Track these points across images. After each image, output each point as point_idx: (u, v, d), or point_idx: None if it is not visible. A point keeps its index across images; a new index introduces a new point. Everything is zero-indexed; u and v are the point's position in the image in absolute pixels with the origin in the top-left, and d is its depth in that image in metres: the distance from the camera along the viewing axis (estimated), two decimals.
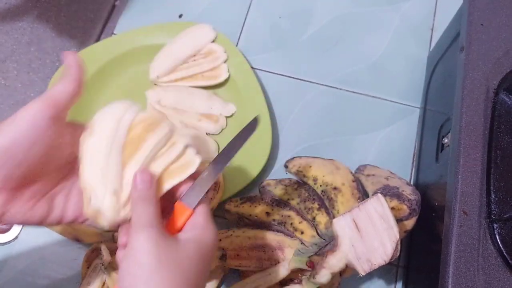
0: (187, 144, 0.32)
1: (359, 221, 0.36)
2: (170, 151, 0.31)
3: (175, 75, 0.54)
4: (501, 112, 0.38)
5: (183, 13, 0.61)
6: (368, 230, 0.36)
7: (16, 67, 0.57)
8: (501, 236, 0.34)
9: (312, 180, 0.44)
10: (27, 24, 0.59)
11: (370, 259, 0.35)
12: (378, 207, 0.36)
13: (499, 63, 0.39)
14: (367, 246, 0.35)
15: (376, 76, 0.57)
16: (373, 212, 0.36)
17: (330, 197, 0.43)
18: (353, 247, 0.35)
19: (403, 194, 0.41)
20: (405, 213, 0.40)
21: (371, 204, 0.36)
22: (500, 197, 0.36)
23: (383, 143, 0.53)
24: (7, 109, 0.55)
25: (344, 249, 0.35)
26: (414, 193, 0.42)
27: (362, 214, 0.36)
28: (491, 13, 0.41)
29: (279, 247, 0.42)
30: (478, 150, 0.36)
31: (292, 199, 0.45)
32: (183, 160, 0.32)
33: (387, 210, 0.36)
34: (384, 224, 0.36)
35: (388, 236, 0.35)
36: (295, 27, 0.60)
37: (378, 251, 0.35)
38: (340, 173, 0.44)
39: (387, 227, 0.35)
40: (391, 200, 0.41)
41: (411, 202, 0.41)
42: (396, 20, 0.60)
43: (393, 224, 0.36)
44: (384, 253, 0.35)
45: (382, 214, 0.36)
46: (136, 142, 0.30)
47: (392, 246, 0.35)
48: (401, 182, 0.45)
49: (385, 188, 0.43)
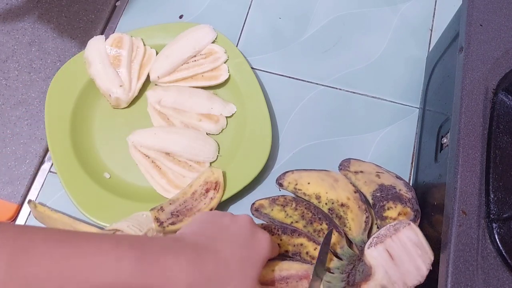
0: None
1: (392, 251, 0.36)
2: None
3: (176, 76, 0.54)
4: (500, 112, 0.38)
5: (183, 14, 0.61)
6: (402, 258, 0.36)
7: (17, 67, 0.57)
8: (500, 235, 0.34)
9: (316, 199, 0.43)
10: (28, 25, 0.60)
11: (405, 282, 0.36)
12: (412, 236, 0.37)
13: (498, 64, 0.39)
14: (401, 271, 0.36)
15: (375, 77, 0.57)
16: (406, 241, 0.36)
17: (340, 215, 0.42)
18: (387, 273, 0.36)
19: (402, 195, 0.41)
20: (410, 216, 0.40)
21: (404, 234, 0.36)
22: (499, 196, 0.36)
23: (382, 143, 0.54)
24: (8, 109, 0.55)
25: (379, 278, 0.36)
26: (409, 190, 0.42)
27: (395, 244, 0.36)
28: (490, 14, 0.41)
29: (306, 275, 0.40)
30: (477, 150, 0.36)
31: (296, 221, 0.43)
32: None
33: (421, 238, 0.37)
34: (419, 251, 0.36)
35: (422, 260, 0.36)
36: (295, 28, 0.60)
37: (413, 274, 0.36)
38: (341, 186, 0.43)
39: (422, 253, 0.36)
40: (395, 205, 0.40)
41: (412, 203, 0.41)
42: (395, 21, 0.60)
43: (428, 249, 0.36)
44: (419, 274, 0.36)
45: (417, 242, 0.36)
46: (116, 57, 0.53)
47: (427, 267, 0.36)
48: (391, 177, 0.44)
49: (382, 189, 0.42)
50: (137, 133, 0.51)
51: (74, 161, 0.50)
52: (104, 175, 0.51)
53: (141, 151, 0.51)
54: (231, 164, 0.50)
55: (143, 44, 0.55)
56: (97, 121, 0.54)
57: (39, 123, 0.54)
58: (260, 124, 0.51)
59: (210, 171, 0.48)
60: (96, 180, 0.49)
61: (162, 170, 0.50)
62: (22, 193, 0.51)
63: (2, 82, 0.56)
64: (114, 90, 0.52)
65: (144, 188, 0.50)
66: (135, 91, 0.53)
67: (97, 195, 0.48)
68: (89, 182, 0.49)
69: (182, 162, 0.51)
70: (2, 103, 0.55)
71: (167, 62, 0.53)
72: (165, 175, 0.50)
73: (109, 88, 0.52)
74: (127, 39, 0.54)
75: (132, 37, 0.55)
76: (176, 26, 0.57)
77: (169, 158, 0.51)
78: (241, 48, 0.59)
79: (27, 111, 0.55)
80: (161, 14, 0.61)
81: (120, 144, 0.52)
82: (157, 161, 0.51)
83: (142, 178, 0.51)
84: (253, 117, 0.52)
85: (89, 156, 0.51)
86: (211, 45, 0.55)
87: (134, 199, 0.49)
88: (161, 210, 0.45)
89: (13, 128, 0.54)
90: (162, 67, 0.53)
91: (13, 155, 0.53)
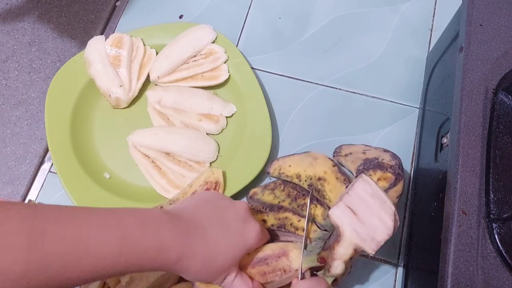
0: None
1: (352, 206, 0.37)
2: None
3: (176, 76, 0.54)
4: (500, 112, 0.38)
5: (183, 14, 0.61)
6: (364, 211, 0.36)
7: (17, 67, 0.57)
8: (500, 235, 0.34)
9: (296, 178, 0.44)
10: (28, 25, 0.60)
11: (375, 237, 0.36)
12: (366, 187, 0.37)
13: (498, 64, 0.39)
14: (368, 226, 0.36)
15: (375, 76, 0.57)
16: (363, 193, 0.37)
17: (318, 188, 0.43)
18: (355, 231, 0.36)
19: (383, 163, 0.42)
20: (391, 180, 0.41)
21: (358, 187, 0.37)
22: (499, 196, 0.36)
23: (382, 143, 0.54)
24: (8, 109, 0.55)
25: (348, 236, 0.36)
26: (393, 158, 0.43)
27: (353, 198, 0.37)
28: (490, 14, 0.41)
29: (283, 253, 0.41)
30: (477, 150, 0.36)
31: (283, 200, 0.45)
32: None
33: (375, 187, 0.37)
34: (377, 200, 0.36)
35: (384, 211, 0.36)
36: (295, 28, 0.60)
37: (380, 228, 0.36)
38: (319, 163, 0.44)
39: (380, 203, 0.36)
40: (374, 172, 0.41)
41: (394, 168, 0.41)
42: (395, 21, 0.60)
43: (385, 198, 0.37)
44: (386, 227, 0.36)
45: (372, 192, 0.37)
46: (116, 57, 0.53)
47: (391, 218, 0.36)
48: (378, 152, 0.45)
49: (366, 163, 0.43)
50: (137, 133, 0.51)
51: (74, 161, 0.50)
52: (104, 175, 0.51)
53: (141, 151, 0.51)
54: (231, 164, 0.50)
55: (143, 44, 0.55)
56: (97, 121, 0.54)
57: (39, 123, 0.54)
58: (260, 124, 0.51)
59: (210, 171, 0.48)
60: (96, 180, 0.49)
61: (162, 170, 0.50)
62: (22, 193, 0.51)
63: (2, 82, 0.56)
64: (114, 90, 0.52)
65: (144, 188, 0.50)
66: (135, 91, 0.53)
67: (97, 195, 0.48)
68: (89, 182, 0.49)
69: (182, 162, 0.51)
70: (2, 103, 0.55)
71: (167, 62, 0.53)
72: (165, 175, 0.50)
73: (109, 88, 0.52)
74: (127, 39, 0.54)
75: (132, 37, 0.55)
76: (176, 26, 0.57)
77: (169, 158, 0.51)
78: (241, 48, 0.59)
79: (27, 111, 0.55)
80: (161, 14, 0.61)
81: (120, 144, 0.52)
82: (157, 161, 0.51)
83: (142, 178, 0.51)
84: (253, 117, 0.52)
85: (89, 156, 0.51)
86: (211, 45, 0.55)
87: (134, 199, 0.49)
88: None
89: (13, 128, 0.54)
90: (162, 67, 0.53)
91: (13, 155, 0.53)
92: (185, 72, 0.54)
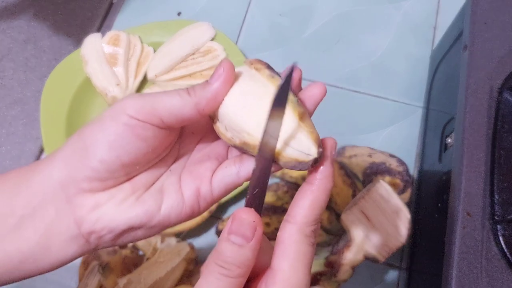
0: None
1: (367, 211, 0.35)
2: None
3: (174, 74, 0.53)
4: (505, 112, 0.38)
5: (181, 11, 0.60)
6: (378, 217, 0.35)
7: (13, 66, 0.56)
8: (504, 237, 0.34)
9: (302, 180, 0.44)
10: (23, 23, 0.59)
11: (387, 245, 0.35)
12: (383, 192, 0.36)
13: (502, 62, 0.39)
14: (381, 233, 0.35)
15: (377, 75, 0.56)
16: (379, 199, 0.35)
17: None
18: (367, 237, 0.35)
19: (392, 168, 0.41)
20: (400, 187, 0.40)
21: (375, 192, 0.36)
22: (504, 198, 0.35)
23: (385, 142, 0.53)
24: (3, 108, 0.54)
25: (359, 242, 0.35)
26: (400, 164, 0.42)
27: (369, 203, 0.35)
28: (494, 12, 0.41)
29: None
30: (482, 150, 0.36)
31: (287, 202, 0.44)
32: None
33: (392, 193, 0.36)
34: (393, 207, 0.35)
35: (399, 218, 0.35)
36: (295, 25, 0.59)
37: (393, 236, 0.35)
38: None
39: (396, 210, 0.35)
40: (383, 177, 0.40)
41: (402, 174, 0.41)
42: (398, 18, 0.60)
43: (401, 205, 0.35)
44: (400, 235, 0.35)
45: (389, 198, 0.35)
46: (113, 56, 0.53)
47: (406, 226, 0.35)
48: (384, 156, 0.44)
49: (372, 167, 0.42)
50: None
51: None
52: None
53: None
54: None
55: (141, 42, 0.54)
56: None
57: (34, 123, 0.53)
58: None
59: None
60: None
61: None
62: None
63: None
64: (110, 89, 0.51)
65: None
66: (132, 89, 0.53)
67: None
68: None
69: None
70: None
71: (165, 60, 0.53)
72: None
73: (105, 86, 0.51)
74: (124, 37, 0.53)
75: (129, 35, 0.54)
76: (174, 23, 0.56)
77: None
78: (241, 46, 0.58)
79: (23, 110, 0.54)
80: (158, 11, 0.60)
81: None
82: None
83: None
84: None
85: None
86: (210, 43, 0.54)
87: None
88: None
89: (8, 127, 0.53)
90: (160, 65, 0.53)
91: (8, 155, 0.52)
92: (183, 70, 0.53)
